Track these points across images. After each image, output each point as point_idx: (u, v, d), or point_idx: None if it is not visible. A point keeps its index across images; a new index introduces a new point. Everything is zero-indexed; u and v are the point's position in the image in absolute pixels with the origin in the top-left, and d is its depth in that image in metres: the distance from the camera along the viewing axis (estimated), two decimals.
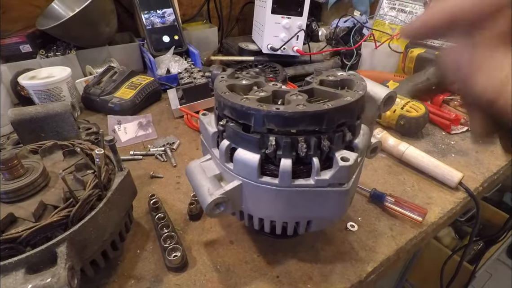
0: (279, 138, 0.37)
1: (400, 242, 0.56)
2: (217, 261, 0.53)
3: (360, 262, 0.53)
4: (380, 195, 0.63)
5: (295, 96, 0.39)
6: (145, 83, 1.00)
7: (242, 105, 0.37)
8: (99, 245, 0.43)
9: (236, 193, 0.42)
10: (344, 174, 0.38)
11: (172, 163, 0.75)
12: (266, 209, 0.43)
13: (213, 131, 0.44)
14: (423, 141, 0.84)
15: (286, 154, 0.37)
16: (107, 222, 0.44)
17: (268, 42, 1.14)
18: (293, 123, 0.36)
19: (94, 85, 0.98)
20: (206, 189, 0.41)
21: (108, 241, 0.45)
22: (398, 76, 1.05)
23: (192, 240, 0.56)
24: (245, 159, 0.39)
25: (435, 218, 0.61)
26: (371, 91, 0.47)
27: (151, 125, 0.90)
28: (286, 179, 0.38)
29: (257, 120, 0.37)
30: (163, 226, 0.55)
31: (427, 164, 0.70)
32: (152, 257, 0.53)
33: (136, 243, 0.56)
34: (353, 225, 0.59)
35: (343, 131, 0.39)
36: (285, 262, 0.53)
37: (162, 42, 1.14)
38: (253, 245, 0.55)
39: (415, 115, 0.81)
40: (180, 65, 1.11)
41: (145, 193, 0.67)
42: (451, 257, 1.24)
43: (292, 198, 0.40)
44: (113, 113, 0.93)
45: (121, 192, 0.47)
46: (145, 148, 0.81)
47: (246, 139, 0.38)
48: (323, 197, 0.40)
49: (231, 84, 0.43)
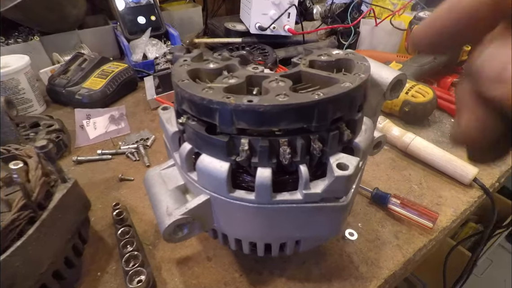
0: (253, 141, 0.27)
1: (407, 253, 0.48)
2: (191, 283, 0.44)
3: (361, 279, 0.44)
4: (383, 195, 0.54)
5: (275, 83, 0.29)
6: (117, 71, 0.89)
7: (202, 97, 0.27)
8: (34, 280, 0.34)
9: (204, 209, 0.32)
10: (341, 185, 0.29)
11: (145, 162, 0.65)
12: (242, 229, 0.34)
13: (173, 131, 0.34)
14: (430, 130, 0.74)
15: (263, 161, 0.28)
16: (44, 250, 0.34)
17: (256, 21, 1.03)
18: (272, 121, 0.26)
19: (60, 75, 0.87)
20: (164, 207, 0.32)
21: (48, 273, 0.36)
22: (401, 56, 0.95)
23: (163, 258, 0.47)
24: (210, 168, 0.29)
25: (447, 222, 0.53)
26: (374, 74, 0.37)
27: (124, 119, 0.80)
28: (264, 194, 0.29)
29: (223, 117, 0.27)
30: (127, 242, 0.46)
31: (437, 158, 0.61)
32: (114, 281, 0.45)
33: (97, 263, 0.47)
34: (352, 232, 0.50)
35: (339, 129, 0.29)
36: (272, 282, 0.44)
37: (137, 24, 1.03)
38: (235, 262, 0.46)
39: (421, 100, 0.71)
40: (158, 49, 1.00)
41: (112, 200, 0.57)
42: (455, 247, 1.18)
43: (274, 217, 0.31)
44: (81, 106, 0.83)
45: (64, 209, 0.38)
46: (115, 145, 0.71)
47: (211, 142, 0.29)
48: (314, 214, 0.31)
49: (195, 69, 0.33)
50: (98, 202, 0.57)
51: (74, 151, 0.71)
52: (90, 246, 0.49)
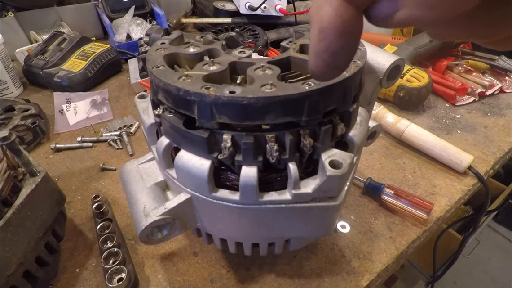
0: (237, 137, 0.24)
1: (400, 245, 0.46)
2: (176, 280, 0.42)
3: (353, 274, 0.43)
4: (377, 186, 0.52)
5: (261, 71, 0.26)
6: (99, 52, 0.84)
7: (178, 87, 0.24)
8: (1, 282, 0.31)
9: (185, 209, 0.30)
10: (334, 185, 0.26)
11: (129, 151, 0.62)
12: (227, 229, 0.31)
13: (150, 123, 0.31)
14: (425, 116, 0.72)
15: (248, 159, 0.25)
16: (11, 250, 0.32)
17: (246, 0, 0.97)
18: (257, 115, 0.23)
19: (37, 55, 0.81)
20: (142, 207, 0.29)
21: (17, 274, 0.33)
22: (396, 38, 0.91)
23: (147, 253, 0.45)
24: (190, 166, 0.26)
25: (441, 212, 0.51)
26: (370, 59, 0.34)
27: (107, 104, 0.75)
28: (250, 195, 0.26)
29: (202, 110, 0.24)
30: (107, 238, 0.43)
31: (432, 145, 0.59)
32: (94, 278, 0.42)
33: (75, 259, 0.45)
34: (344, 225, 0.49)
35: (332, 122, 0.26)
36: (261, 278, 0.42)
37: (120, 1, 0.96)
38: (222, 257, 0.45)
39: (416, 85, 0.69)
40: (142, 29, 0.94)
41: (93, 191, 0.54)
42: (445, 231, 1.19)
43: (261, 218, 0.28)
44: (60, 89, 0.78)
45: (34, 205, 0.35)
46: (97, 132, 0.67)
47: (190, 138, 0.26)
48: (304, 214, 0.28)
49: (172, 54, 0.30)
50: (78, 193, 0.54)
51: (53, 138, 0.67)
52: (68, 240, 0.46)
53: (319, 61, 0.16)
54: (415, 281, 1.48)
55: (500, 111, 0.73)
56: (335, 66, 0.16)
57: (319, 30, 0.15)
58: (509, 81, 0.80)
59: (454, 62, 0.83)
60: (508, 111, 0.73)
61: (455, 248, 1.33)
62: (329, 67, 0.16)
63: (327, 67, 0.16)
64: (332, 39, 0.15)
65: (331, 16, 0.14)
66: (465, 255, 1.95)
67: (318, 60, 0.16)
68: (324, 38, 0.15)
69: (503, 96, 0.78)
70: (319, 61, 0.16)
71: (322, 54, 0.16)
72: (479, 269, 1.90)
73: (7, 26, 0.89)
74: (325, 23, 0.15)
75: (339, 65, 0.16)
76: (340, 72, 0.17)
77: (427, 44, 0.81)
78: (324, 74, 0.17)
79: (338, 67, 0.16)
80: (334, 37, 0.15)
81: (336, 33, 0.15)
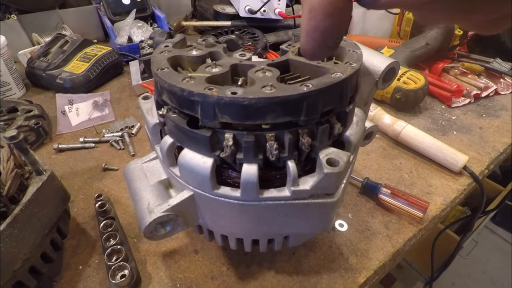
0: (238, 136, 0.26)
1: (397, 243, 0.47)
2: (177, 277, 0.43)
3: (351, 271, 0.44)
4: (374, 185, 0.53)
5: (261, 73, 0.27)
6: (101, 55, 0.85)
7: (182, 88, 0.25)
8: (7, 277, 0.32)
9: (187, 206, 0.31)
10: (331, 182, 0.27)
11: (130, 151, 0.63)
12: (228, 226, 0.32)
13: (154, 123, 0.32)
14: (421, 117, 0.73)
15: (249, 157, 0.26)
16: (17, 246, 0.33)
17: (246, 4, 0.99)
18: (257, 115, 0.24)
19: (40, 57, 0.83)
20: (146, 204, 0.30)
21: (23, 270, 0.34)
22: (393, 41, 0.92)
23: (148, 251, 0.46)
24: (193, 164, 0.27)
25: (437, 211, 0.52)
26: (366, 61, 0.35)
27: (108, 105, 0.76)
28: (250, 192, 0.27)
29: (205, 110, 0.25)
30: (110, 236, 0.44)
31: (428, 146, 0.60)
32: (96, 275, 0.43)
33: (78, 256, 0.46)
34: (342, 223, 0.50)
35: (329, 122, 0.27)
36: (261, 275, 0.43)
37: (121, 4, 0.98)
38: (222, 255, 0.46)
39: (413, 87, 0.70)
40: (144, 32, 0.95)
41: (95, 190, 0.55)
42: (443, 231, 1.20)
43: (261, 214, 0.29)
44: (63, 91, 0.79)
45: (40, 202, 0.36)
46: (99, 133, 0.68)
47: (193, 137, 0.27)
48: (303, 211, 0.29)
49: (176, 57, 0.31)
50: (80, 192, 0.55)
51: (55, 138, 0.68)
52: (71, 238, 0.47)
53: (310, 39, 0.17)
54: (414, 282, 1.49)
55: (495, 113, 0.75)
56: (325, 44, 0.17)
57: (309, 9, 0.16)
58: (504, 83, 0.82)
59: (450, 64, 0.85)
60: (503, 112, 0.75)
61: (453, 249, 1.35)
62: (319, 45, 0.17)
63: (317, 46, 0.18)
64: (321, 18, 0.16)
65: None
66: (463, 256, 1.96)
67: (308, 39, 0.17)
68: (313, 17, 0.16)
69: (498, 98, 0.79)
70: (309, 40, 0.17)
71: (312, 33, 0.17)
72: (478, 270, 1.90)
73: (9, 29, 0.90)
74: (315, 4, 0.16)
75: (328, 44, 0.17)
76: (330, 51, 0.18)
77: (424, 47, 0.82)
78: (314, 52, 0.18)
79: (328, 46, 0.18)
80: (323, 16, 0.16)
81: (324, 13, 0.16)
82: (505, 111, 0.75)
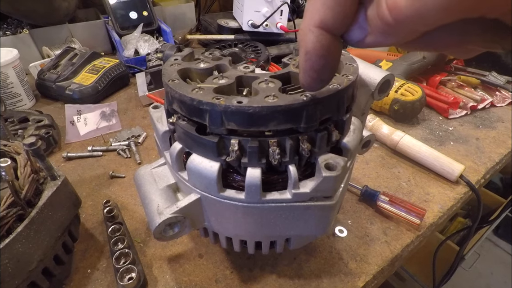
0: (243, 141, 0.28)
1: (395, 249, 0.49)
2: (182, 280, 0.45)
3: (350, 275, 0.45)
4: (372, 193, 0.55)
5: (264, 84, 0.30)
6: (109, 67, 0.88)
7: (192, 98, 0.27)
8: (23, 277, 0.34)
9: (194, 208, 0.33)
10: (330, 185, 0.29)
11: (136, 159, 0.65)
12: (233, 228, 0.34)
13: (164, 131, 0.34)
14: (419, 128, 0.75)
15: (253, 162, 0.28)
16: (33, 247, 0.34)
17: (249, 18, 1.02)
18: (261, 122, 0.27)
19: (50, 70, 0.86)
20: (155, 206, 0.32)
21: (37, 270, 0.36)
22: (391, 55, 0.96)
23: (154, 255, 0.48)
24: (200, 168, 0.30)
25: (434, 218, 0.54)
26: (363, 74, 0.38)
27: (116, 115, 0.79)
28: (254, 194, 0.29)
29: (213, 118, 0.27)
30: (118, 240, 0.46)
31: (425, 155, 0.62)
32: (105, 278, 0.45)
33: (87, 260, 0.47)
34: (342, 229, 0.51)
35: (328, 129, 0.30)
36: (263, 279, 0.45)
37: (129, 19, 1.02)
38: (226, 259, 0.47)
39: (410, 99, 0.72)
40: (150, 45, 0.99)
41: (103, 197, 0.57)
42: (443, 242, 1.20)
43: (264, 216, 0.31)
44: (71, 101, 0.82)
45: (54, 206, 0.38)
46: (106, 142, 0.71)
47: (201, 142, 0.29)
48: (303, 213, 0.31)
49: (185, 69, 0.33)
50: (89, 199, 0.57)
51: (64, 147, 0.70)
52: (80, 243, 0.49)
53: (306, 76, 0.20)
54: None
55: (491, 124, 0.77)
56: (320, 79, 0.21)
57: (305, 52, 0.19)
58: (500, 95, 0.84)
59: (447, 77, 0.87)
60: (499, 124, 0.77)
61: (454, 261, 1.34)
62: (315, 81, 0.21)
63: (313, 81, 0.21)
64: (315, 59, 0.19)
65: (313, 42, 0.18)
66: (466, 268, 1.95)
67: (306, 76, 0.20)
68: (309, 59, 0.19)
69: (494, 110, 0.82)
70: (306, 77, 0.20)
71: (308, 71, 0.20)
72: (482, 283, 1.89)
73: (21, 42, 0.94)
74: (309, 47, 0.19)
75: (323, 79, 0.21)
76: (325, 84, 0.21)
77: (421, 61, 0.85)
78: (311, 86, 0.21)
79: (323, 80, 0.21)
80: (316, 58, 0.19)
81: (318, 55, 0.19)
82: (501, 123, 0.77)
